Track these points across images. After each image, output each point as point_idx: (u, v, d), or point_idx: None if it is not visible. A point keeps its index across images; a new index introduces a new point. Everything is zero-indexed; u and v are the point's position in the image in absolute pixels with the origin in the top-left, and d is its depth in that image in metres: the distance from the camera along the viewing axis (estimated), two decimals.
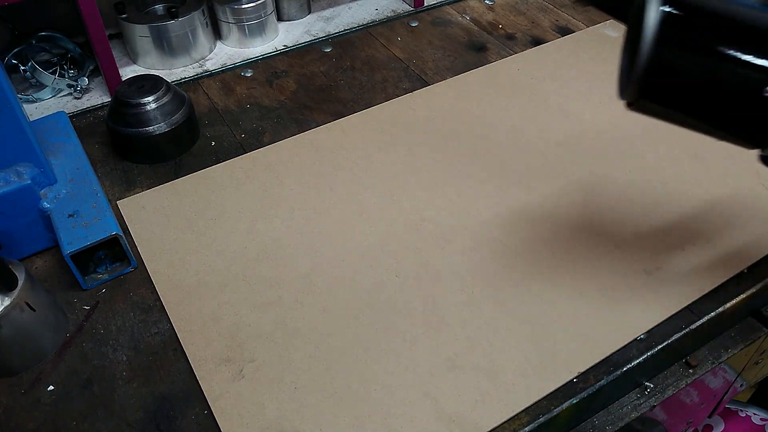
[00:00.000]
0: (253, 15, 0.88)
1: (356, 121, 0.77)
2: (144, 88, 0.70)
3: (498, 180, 0.68)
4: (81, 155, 0.65)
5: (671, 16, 0.34)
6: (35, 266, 0.61)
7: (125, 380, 0.51)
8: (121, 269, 0.60)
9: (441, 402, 0.49)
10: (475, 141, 0.73)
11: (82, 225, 0.57)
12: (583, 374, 0.51)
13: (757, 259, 0.59)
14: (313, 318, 0.55)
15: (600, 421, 0.55)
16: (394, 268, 0.59)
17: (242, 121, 0.78)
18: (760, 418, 1.06)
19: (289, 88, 0.83)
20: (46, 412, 0.50)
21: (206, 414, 0.49)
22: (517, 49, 0.89)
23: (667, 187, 0.66)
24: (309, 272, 0.59)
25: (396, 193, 0.67)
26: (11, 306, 0.49)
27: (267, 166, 0.71)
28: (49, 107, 0.81)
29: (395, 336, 0.54)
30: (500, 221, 0.63)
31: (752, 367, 0.76)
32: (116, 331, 0.55)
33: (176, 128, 0.71)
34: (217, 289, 0.58)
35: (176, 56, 0.86)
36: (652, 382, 0.57)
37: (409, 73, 0.85)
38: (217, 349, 0.53)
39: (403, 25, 0.95)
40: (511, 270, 0.59)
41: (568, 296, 0.56)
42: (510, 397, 0.49)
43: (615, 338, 0.53)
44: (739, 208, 0.64)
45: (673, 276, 0.58)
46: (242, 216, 0.65)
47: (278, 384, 0.51)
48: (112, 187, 0.69)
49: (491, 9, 0.99)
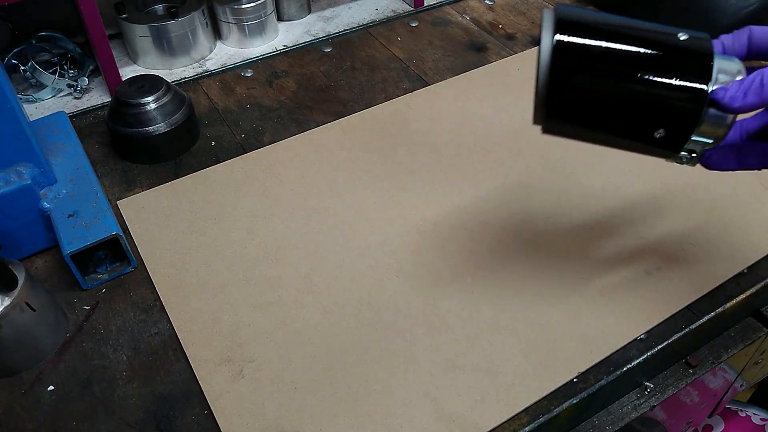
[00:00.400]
0: (253, 15, 0.88)
1: (356, 121, 0.77)
2: (144, 88, 0.70)
3: (498, 180, 0.68)
4: (81, 155, 0.65)
5: (562, 44, 0.38)
6: (35, 266, 0.61)
7: (125, 380, 0.51)
8: (121, 269, 0.60)
9: (441, 402, 0.49)
10: (475, 141, 0.73)
11: (82, 225, 0.57)
12: (583, 374, 0.51)
13: (757, 259, 0.59)
14: (313, 318, 0.55)
15: (600, 421, 0.55)
16: (394, 268, 0.59)
17: (242, 121, 0.78)
18: (760, 418, 1.06)
19: (289, 88, 0.83)
20: (46, 412, 0.50)
21: (206, 414, 0.49)
22: (517, 49, 0.89)
23: (667, 187, 0.66)
24: (309, 272, 0.59)
25: (396, 193, 0.67)
26: (11, 306, 0.49)
27: (267, 167, 0.71)
28: (49, 107, 0.81)
29: (395, 336, 0.54)
30: (500, 221, 0.63)
31: (752, 367, 0.76)
32: (116, 331, 0.55)
33: (176, 128, 0.71)
34: (217, 289, 0.58)
35: (176, 56, 0.86)
36: (652, 382, 0.57)
37: (409, 73, 0.85)
38: (217, 349, 0.53)
39: (403, 25, 0.95)
40: (511, 270, 0.59)
41: (568, 296, 0.56)
42: (510, 397, 0.49)
43: (615, 338, 0.53)
44: (739, 208, 0.64)
45: (673, 276, 0.58)
46: (242, 216, 0.65)
47: (278, 384, 0.51)
48: (112, 187, 0.69)
49: (491, 9, 0.99)
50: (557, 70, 0.38)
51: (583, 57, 0.38)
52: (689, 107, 0.38)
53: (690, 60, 0.38)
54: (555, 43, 0.38)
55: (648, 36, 0.39)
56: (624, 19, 0.40)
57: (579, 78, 0.38)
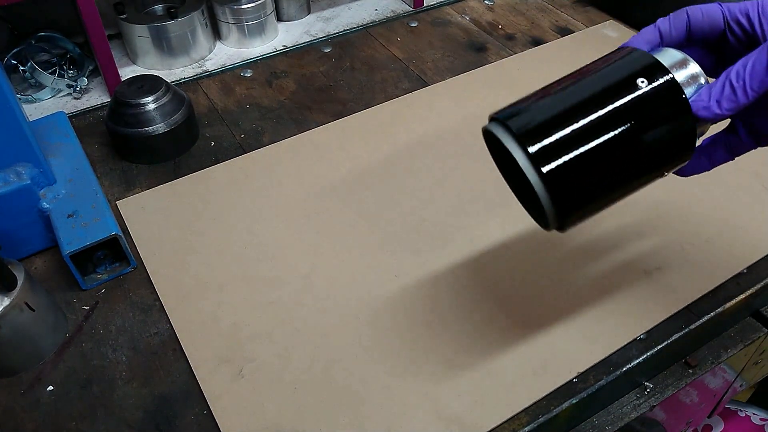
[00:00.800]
0: (252, 15, 0.88)
1: (356, 121, 0.77)
2: (143, 88, 0.70)
3: (498, 180, 0.68)
4: (80, 155, 0.65)
5: (539, 155, 0.36)
6: (35, 266, 0.61)
7: (125, 380, 0.51)
8: (121, 269, 0.60)
9: (441, 402, 0.49)
10: (475, 141, 0.73)
11: (81, 225, 0.57)
12: (583, 374, 0.51)
13: (756, 259, 0.59)
14: (313, 318, 0.55)
15: (600, 421, 0.55)
16: (394, 268, 0.59)
17: (242, 122, 0.78)
18: (760, 418, 1.06)
19: (288, 89, 0.83)
20: (45, 412, 0.49)
21: (206, 414, 0.49)
22: (517, 50, 0.89)
23: (667, 187, 0.66)
24: (309, 272, 0.59)
25: (396, 193, 0.67)
26: (11, 306, 0.49)
27: (266, 167, 0.71)
28: (48, 107, 0.81)
29: (395, 336, 0.53)
30: (500, 221, 0.63)
31: (752, 367, 0.76)
32: (116, 332, 0.55)
33: (176, 128, 0.71)
34: (217, 289, 0.58)
35: (176, 56, 0.86)
36: (652, 382, 0.57)
37: (409, 74, 0.85)
38: (217, 349, 0.53)
39: (402, 25, 0.95)
40: (510, 270, 0.59)
41: (568, 296, 0.56)
42: (510, 397, 0.49)
43: (615, 338, 0.53)
44: (738, 208, 0.64)
45: (673, 276, 0.58)
46: (242, 216, 0.65)
47: (278, 384, 0.50)
48: (112, 188, 0.69)
49: (491, 9, 0.99)
50: (551, 180, 0.36)
51: (565, 154, 0.36)
52: (685, 140, 0.38)
53: (660, 101, 0.37)
54: (533, 155, 0.35)
55: (606, 97, 0.37)
56: (565, 89, 0.39)
57: (574, 175, 0.36)
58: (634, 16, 0.92)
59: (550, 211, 0.37)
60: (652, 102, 0.37)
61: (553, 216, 0.37)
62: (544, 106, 0.38)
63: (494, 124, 0.39)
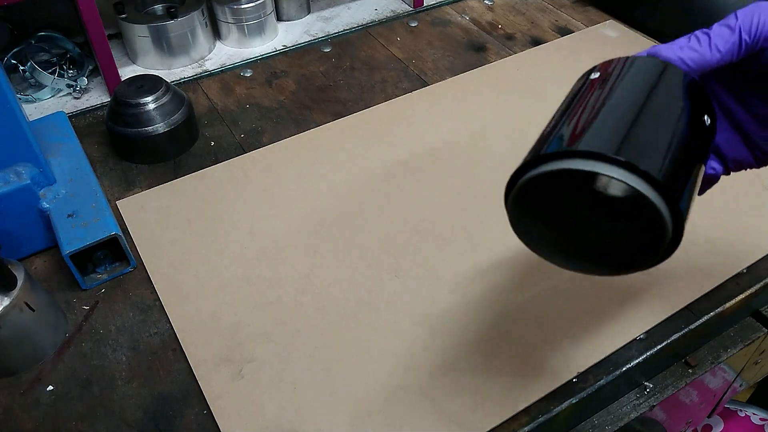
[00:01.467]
0: (252, 15, 0.88)
1: (356, 121, 0.77)
2: (143, 88, 0.70)
3: (498, 180, 0.68)
4: (80, 155, 0.65)
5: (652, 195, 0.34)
6: (34, 266, 0.61)
7: (124, 380, 0.51)
8: (121, 269, 0.60)
9: (441, 402, 0.49)
10: (475, 141, 0.73)
11: (81, 225, 0.57)
12: (583, 374, 0.51)
13: (756, 259, 0.59)
14: (313, 318, 0.55)
15: (599, 421, 0.55)
16: (393, 268, 0.59)
17: (241, 121, 0.78)
18: (760, 418, 1.06)
19: (288, 88, 0.83)
20: (45, 412, 0.49)
21: (206, 414, 0.49)
22: (517, 49, 0.89)
23: None
24: (309, 272, 0.59)
25: (396, 193, 0.67)
26: (10, 306, 0.49)
27: (266, 166, 0.71)
28: (48, 107, 0.81)
29: (395, 336, 0.54)
30: (500, 221, 0.63)
31: (751, 366, 0.76)
32: (115, 331, 0.55)
33: (175, 128, 0.71)
34: (217, 289, 0.58)
35: (175, 56, 0.86)
36: (652, 382, 0.57)
37: (409, 73, 0.85)
38: (217, 349, 0.53)
39: (402, 25, 0.95)
40: (510, 270, 0.59)
41: (567, 296, 0.56)
42: (510, 397, 0.49)
43: (615, 338, 0.53)
44: (738, 208, 0.64)
45: (673, 276, 0.58)
46: (242, 216, 0.65)
47: (278, 384, 0.50)
48: (112, 187, 0.69)
49: (491, 9, 0.99)
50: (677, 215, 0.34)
51: (683, 186, 0.35)
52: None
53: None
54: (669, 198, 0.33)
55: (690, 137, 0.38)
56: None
57: (686, 200, 0.35)
58: (634, 15, 0.92)
59: (667, 243, 0.36)
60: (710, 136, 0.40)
61: (666, 249, 0.36)
62: (651, 137, 0.36)
63: (603, 165, 0.34)
